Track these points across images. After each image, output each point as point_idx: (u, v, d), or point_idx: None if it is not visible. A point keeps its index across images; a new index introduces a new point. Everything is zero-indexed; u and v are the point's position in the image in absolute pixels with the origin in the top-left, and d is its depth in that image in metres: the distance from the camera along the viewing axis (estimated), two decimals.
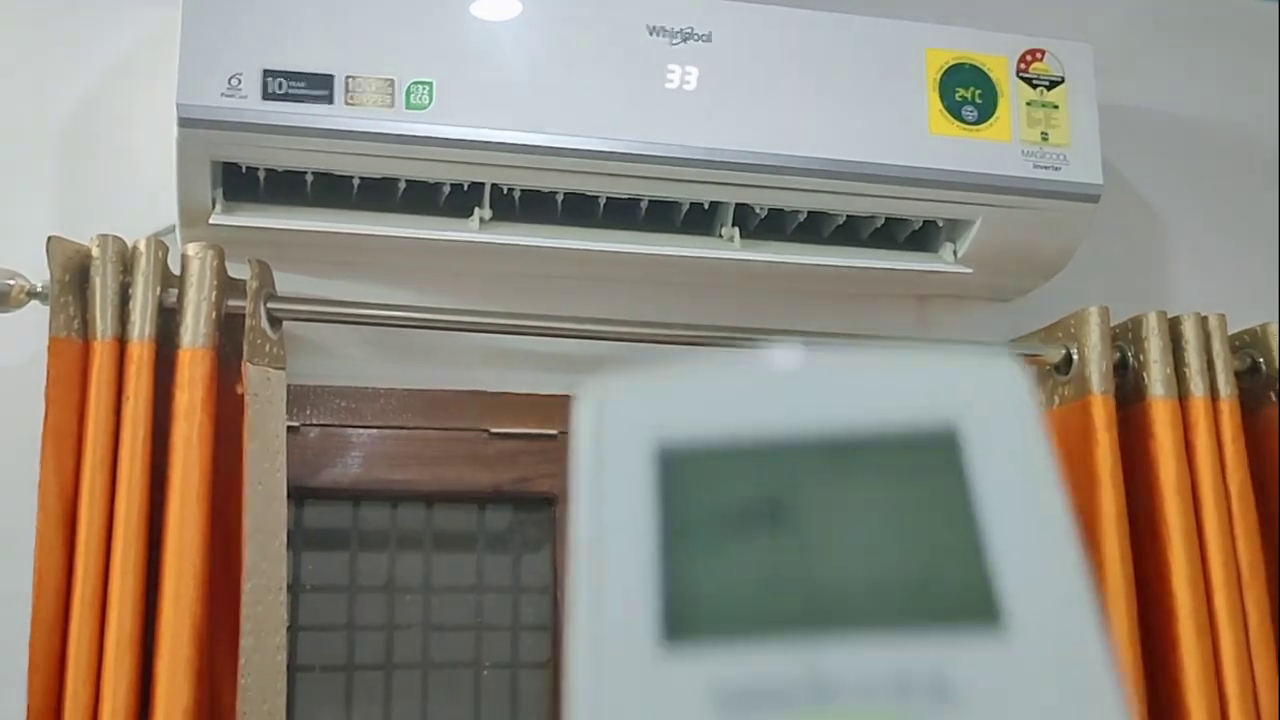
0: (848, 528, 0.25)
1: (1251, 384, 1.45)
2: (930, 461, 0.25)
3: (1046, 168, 1.33)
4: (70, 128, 1.33)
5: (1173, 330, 1.42)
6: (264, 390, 1.22)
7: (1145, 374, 1.40)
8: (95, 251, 1.18)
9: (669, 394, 0.27)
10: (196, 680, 1.10)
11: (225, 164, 1.21)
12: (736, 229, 1.33)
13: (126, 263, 1.19)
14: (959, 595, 0.23)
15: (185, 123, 1.16)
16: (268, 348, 1.23)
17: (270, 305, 1.23)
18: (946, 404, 0.25)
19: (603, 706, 0.22)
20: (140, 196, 1.28)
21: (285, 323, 1.27)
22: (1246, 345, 1.46)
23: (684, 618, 0.23)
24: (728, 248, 1.33)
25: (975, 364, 0.26)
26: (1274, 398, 1.44)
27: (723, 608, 0.24)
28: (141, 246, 1.18)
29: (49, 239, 1.18)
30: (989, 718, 0.21)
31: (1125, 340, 1.43)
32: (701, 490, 0.25)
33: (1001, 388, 0.26)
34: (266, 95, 1.17)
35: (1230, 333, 1.44)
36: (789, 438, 0.25)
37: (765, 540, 0.24)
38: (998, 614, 0.23)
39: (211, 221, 1.22)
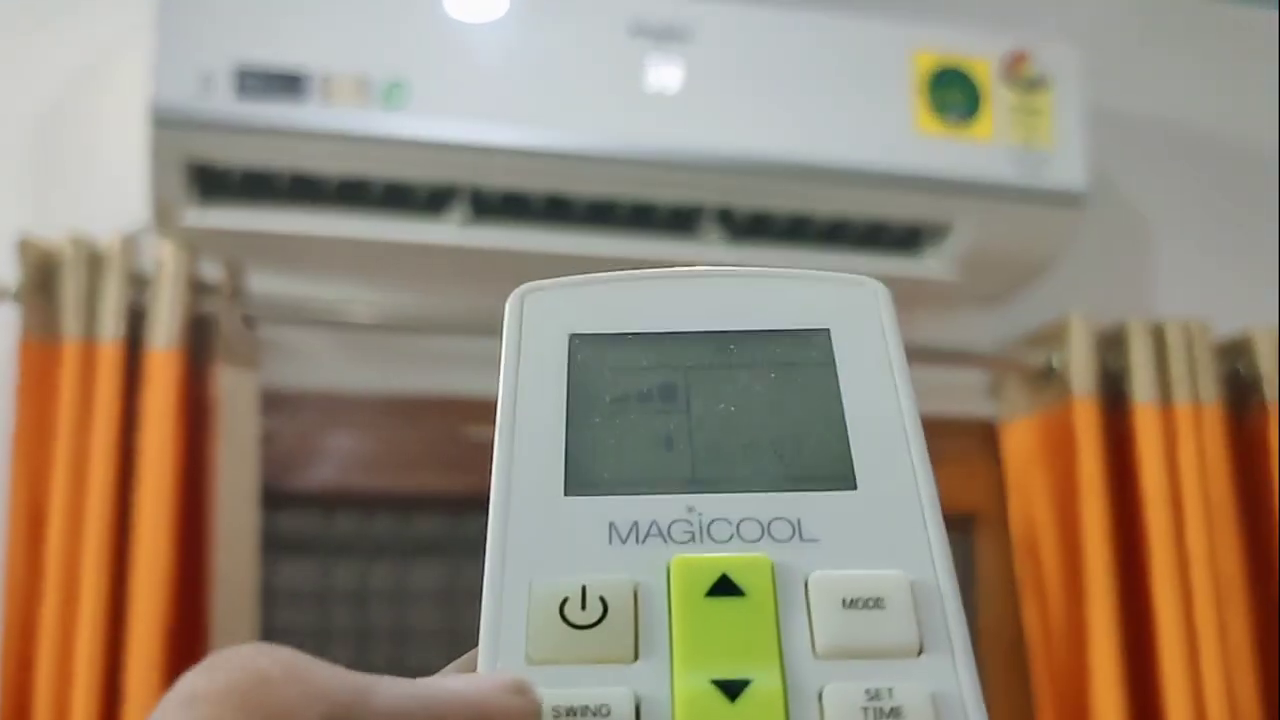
0: (731, 405, 0.29)
1: (1235, 391, 1.44)
2: (805, 355, 0.30)
3: (1030, 171, 1.31)
4: (42, 126, 1.31)
5: (1157, 337, 1.41)
6: (236, 393, 1.20)
7: (1129, 380, 1.39)
8: (66, 252, 1.16)
9: (582, 294, 0.32)
10: (166, 685, 1.09)
11: (199, 163, 1.19)
12: (718, 230, 1.32)
13: (97, 263, 1.17)
14: (821, 463, 0.28)
15: (158, 121, 1.14)
16: (240, 350, 1.21)
17: (243, 307, 1.21)
18: (821, 310, 0.31)
19: (515, 538, 0.26)
20: (112, 196, 1.27)
21: (259, 326, 1.25)
22: (1231, 352, 1.45)
23: (584, 474, 0.27)
24: (710, 250, 1.31)
25: (846, 281, 0.31)
26: (1258, 404, 1.43)
27: (618, 467, 0.28)
28: (113, 247, 1.17)
29: (20, 240, 1.16)
30: (838, 553, 0.26)
31: (1109, 346, 1.42)
32: (605, 372, 0.29)
33: (867, 301, 0.31)
34: (241, 94, 1.15)
35: (1215, 339, 1.43)
36: (685, 332, 0.30)
37: (658, 413, 0.29)
38: (851, 479, 0.27)
39: (185, 220, 1.21)
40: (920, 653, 0.24)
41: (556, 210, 1.29)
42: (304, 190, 1.23)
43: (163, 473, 1.12)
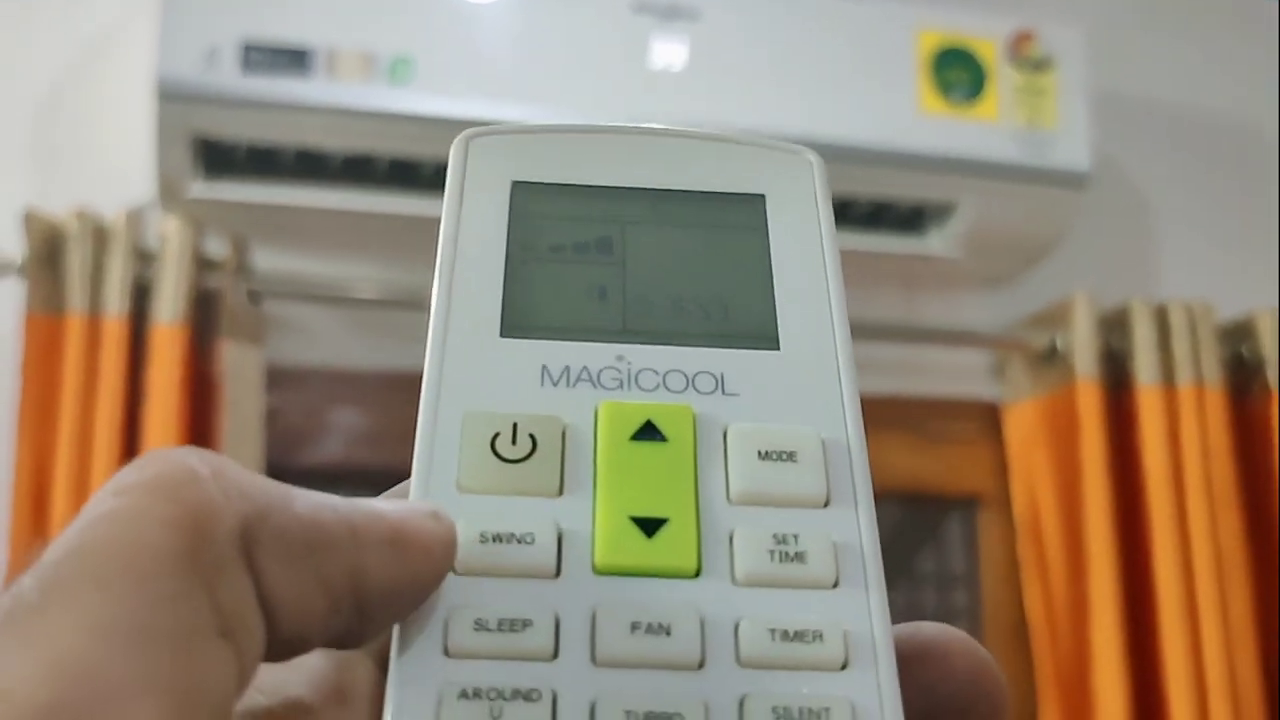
0: (666, 261, 0.30)
1: (1238, 373, 1.44)
2: (740, 219, 0.30)
3: (1034, 151, 1.31)
4: (47, 101, 1.31)
5: (1160, 318, 1.41)
6: (241, 369, 1.20)
7: (1132, 362, 1.39)
8: (71, 226, 1.16)
9: (528, 142, 0.32)
10: None
11: (204, 138, 1.19)
12: None
13: (102, 238, 1.17)
14: (747, 323, 0.29)
15: (163, 95, 1.14)
16: (245, 326, 1.21)
17: (248, 282, 1.21)
18: (759, 176, 0.31)
19: (450, 375, 0.27)
20: (117, 171, 1.27)
21: (264, 302, 1.25)
22: (1234, 334, 1.45)
23: (520, 318, 0.28)
24: None
25: (785, 149, 0.32)
26: (1261, 386, 1.43)
27: (553, 313, 0.28)
28: (118, 221, 1.17)
29: (25, 214, 1.16)
30: (757, 408, 0.27)
31: (1112, 327, 1.42)
32: (545, 221, 0.30)
33: (803, 170, 0.31)
34: (246, 68, 1.15)
35: (1219, 321, 1.43)
36: (626, 187, 0.31)
37: (594, 265, 0.29)
38: (774, 339, 0.28)
39: (190, 195, 1.21)
40: (827, 504, 0.25)
41: None
42: (309, 166, 1.23)
43: (167, 448, 1.12)
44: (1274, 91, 1.66)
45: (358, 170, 1.24)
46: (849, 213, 1.37)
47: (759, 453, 0.26)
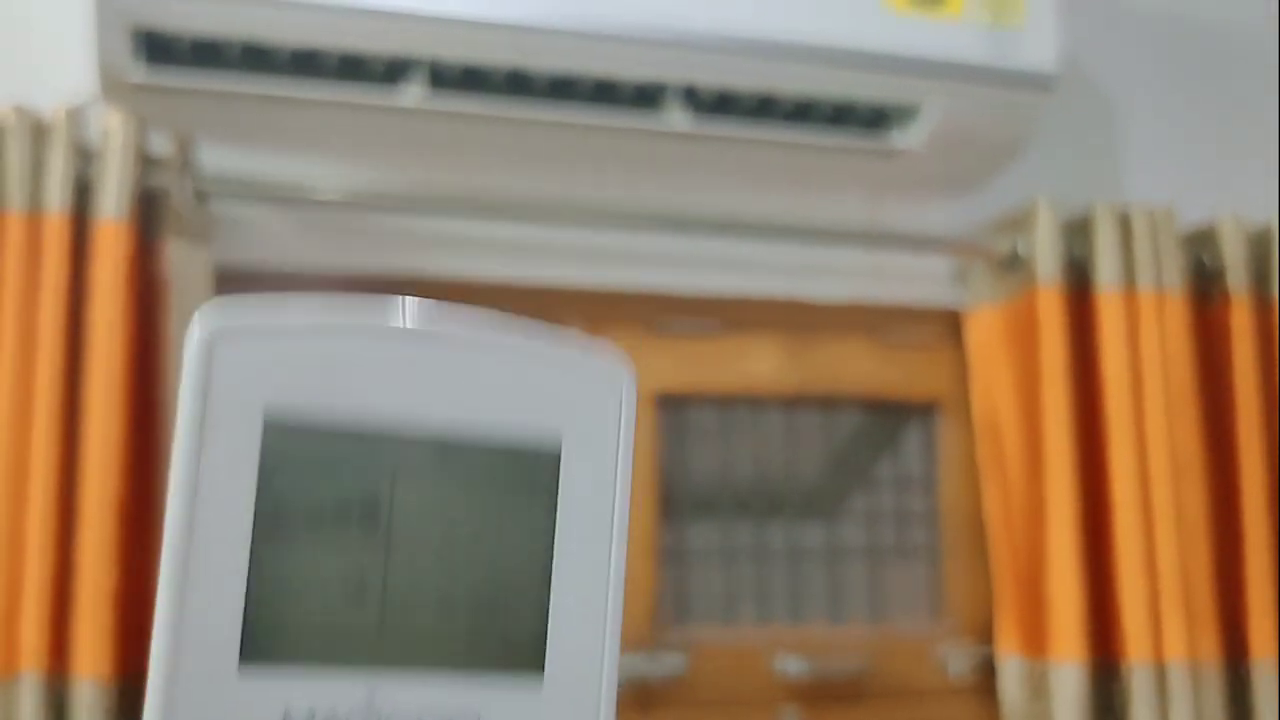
0: (434, 538, 0.26)
1: (1200, 279, 1.44)
2: (527, 478, 0.27)
3: (1000, 51, 1.29)
4: None
5: (1122, 223, 1.40)
6: (187, 269, 1.17)
7: (1094, 267, 1.39)
8: (9, 122, 1.13)
9: (284, 351, 0.26)
10: (119, 561, 1.08)
11: (147, 30, 1.15)
12: (684, 110, 1.29)
13: (42, 133, 1.13)
14: (515, 636, 0.26)
15: None
16: (192, 225, 1.18)
17: (194, 181, 1.18)
18: (557, 407, 0.27)
19: None
20: (57, 67, 1.22)
21: (211, 202, 1.22)
22: (1196, 240, 1.45)
23: (264, 634, 0.25)
24: (675, 123, 1.29)
25: (591, 366, 0.27)
26: (1221, 293, 1.43)
27: (301, 629, 0.25)
28: (58, 117, 1.13)
29: None
30: None
31: (1075, 233, 1.41)
32: (301, 472, 0.26)
33: (608, 397, 0.27)
34: None
35: (1181, 227, 1.42)
36: (398, 424, 0.26)
37: (353, 541, 0.26)
38: (540, 662, 0.26)
39: (133, 80, 1.17)
40: None
41: (517, 87, 1.26)
42: (255, 60, 1.19)
43: (113, 348, 1.10)
44: None
45: (305, 65, 1.20)
46: (812, 113, 1.34)
47: None
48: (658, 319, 1.42)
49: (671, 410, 1.43)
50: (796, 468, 1.45)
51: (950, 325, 1.48)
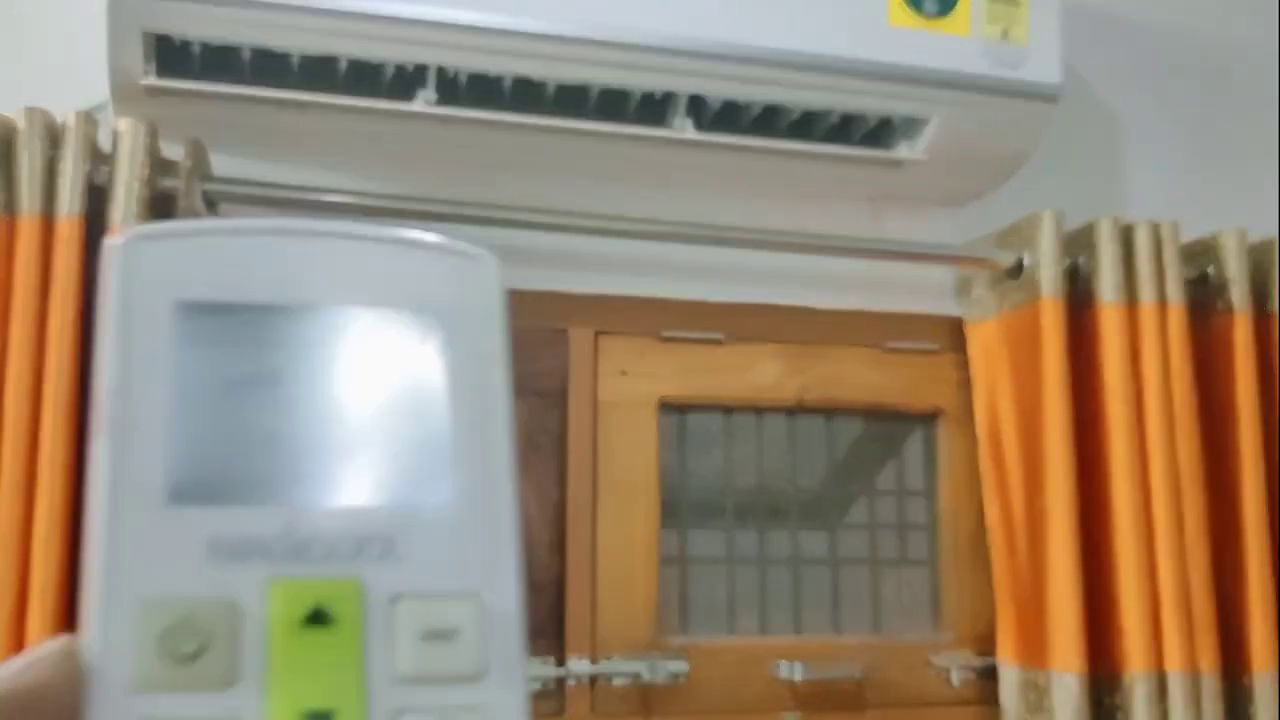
0: (338, 396, 0.30)
1: (1202, 292, 1.45)
2: (414, 341, 0.30)
3: (1004, 65, 1.30)
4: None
5: (1125, 237, 1.41)
6: None
7: (1096, 280, 1.40)
8: (22, 124, 1.14)
9: (191, 250, 0.30)
10: None
11: (158, 35, 1.16)
12: (690, 120, 1.30)
13: (55, 137, 1.14)
14: (419, 474, 0.29)
15: None
16: None
17: (205, 186, 1.19)
18: (437, 288, 0.31)
19: (116, 554, 0.27)
20: (71, 70, 1.23)
21: (221, 206, 1.23)
22: (1198, 253, 1.46)
23: (188, 481, 0.28)
24: (682, 133, 1.30)
25: (462, 253, 0.31)
26: (1223, 306, 1.44)
27: (222, 470, 0.28)
28: (70, 121, 1.14)
29: None
30: (424, 574, 0.28)
31: (1077, 246, 1.42)
32: (212, 348, 0.29)
33: (483, 278, 0.31)
34: None
35: (1183, 240, 1.43)
36: (296, 300, 0.30)
37: (265, 404, 0.29)
38: (445, 493, 0.29)
39: (145, 85, 1.17)
40: (484, 678, 0.28)
41: (525, 95, 1.27)
42: (266, 66, 1.20)
43: None
44: (1245, 9, 1.65)
45: (317, 72, 1.21)
46: (817, 124, 1.35)
47: (422, 633, 0.28)
48: (661, 327, 1.42)
49: (674, 418, 1.44)
50: (798, 476, 1.46)
51: (952, 336, 1.49)
